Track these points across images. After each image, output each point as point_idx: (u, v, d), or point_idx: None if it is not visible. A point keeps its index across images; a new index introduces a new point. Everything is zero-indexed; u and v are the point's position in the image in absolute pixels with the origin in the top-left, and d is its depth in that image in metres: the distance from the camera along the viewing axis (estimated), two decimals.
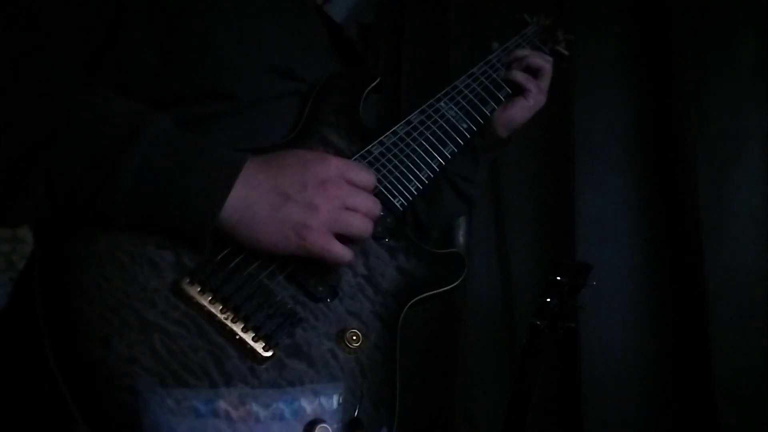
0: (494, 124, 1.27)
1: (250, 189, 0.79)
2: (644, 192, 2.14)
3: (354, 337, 0.86)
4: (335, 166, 0.84)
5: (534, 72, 1.27)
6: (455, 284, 1.02)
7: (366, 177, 0.87)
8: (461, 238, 2.37)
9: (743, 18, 2.01)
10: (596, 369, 2.08)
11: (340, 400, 0.82)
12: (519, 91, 1.26)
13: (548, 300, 1.47)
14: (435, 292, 0.99)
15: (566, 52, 1.41)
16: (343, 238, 0.84)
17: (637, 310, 2.12)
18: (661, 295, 2.09)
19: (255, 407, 0.76)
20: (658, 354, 2.07)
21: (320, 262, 0.84)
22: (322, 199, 0.81)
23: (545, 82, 1.28)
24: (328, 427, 0.78)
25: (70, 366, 0.70)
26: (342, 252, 0.83)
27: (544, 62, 1.28)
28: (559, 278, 1.46)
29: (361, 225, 0.85)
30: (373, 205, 0.87)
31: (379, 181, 0.98)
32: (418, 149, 1.06)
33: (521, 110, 1.26)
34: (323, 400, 0.81)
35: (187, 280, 0.78)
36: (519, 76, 1.24)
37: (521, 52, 1.28)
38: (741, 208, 2.00)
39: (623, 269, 2.13)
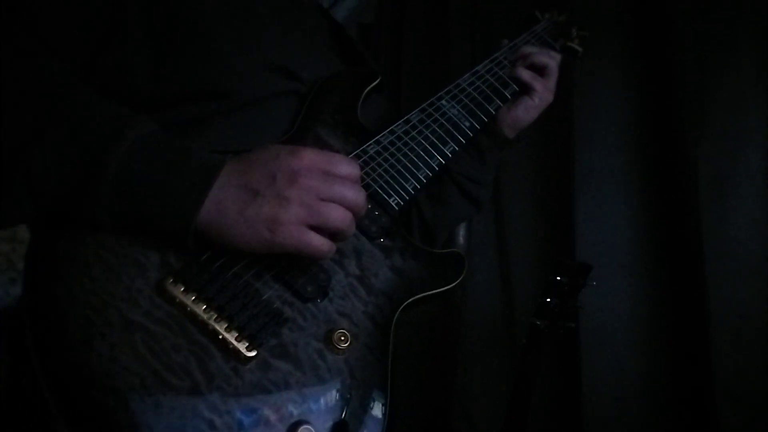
0: (500, 124, 1.25)
1: (221, 189, 0.77)
2: (644, 192, 2.14)
3: (342, 338, 0.85)
4: (308, 156, 0.80)
5: (540, 70, 1.25)
6: (454, 285, 0.99)
7: (347, 168, 0.82)
8: (461, 239, 2.36)
9: (743, 18, 2.00)
10: (596, 369, 2.07)
11: (327, 402, 0.81)
12: (525, 90, 1.24)
13: (548, 300, 1.46)
14: (432, 292, 0.97)
15: (579, 48, 1.39)
16: (323, 232, 0.80)
17: (637, 310, 2.11)
18: (661, 296, 2.08)
19: (237, 408, 0.75)
20: (658, 354, 2.06)
21: (304, 259, 0.83)
22: (292, 191, 0.77)
23: (551, 80, 1.26)
24: (311, 428, 0.77)
25: (52, 366, 0.70)
26: (319, 244, 0.79)
27: (549, 60, 1.26)
28: (559, 278, 1.45)
29: (338, 216, 0.80)
30: (353, 196, 0.81)
31: (374, 180, 0.98)
32: (416, 148, 1.05)
33: (527, 110, 1.24)
34: (308, 401, 0.80)
35: (171, 280, 0.78)
36: (525, 75, 1.23)
37: (527, 50, 1.27)
38: (741, 208, 1.99)
39: (623, 269, 2.13)
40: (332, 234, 0.81)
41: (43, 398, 0.70)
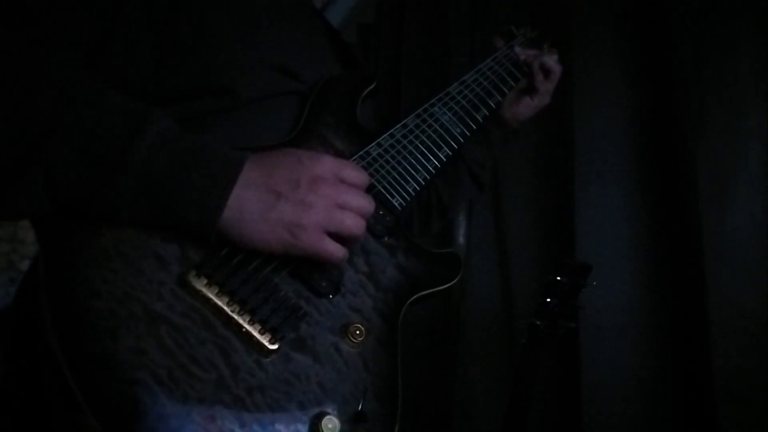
0: (503, 118, 1.36)
1: (243, 188, 0.78)
2: (644, 192, 2.15)
3: (357, 332, 0.87)
4: (329, 164, 0.84)
5: (545, 73, 1.35)
6: (453, 283, 1.03)
7: (359, 176, 0.87)
8: (461, 238, 2.37)
9: (743, 18, 2.02)
10: (596, 369, 2.08)
11: (345, 393, 0.83)
12: (528, 89, 1.35)
13: (548, 300, 1.47)
14: (433, 290, 1.00)
15: None
16: (337, 237, 0.83)
17: (637, 310, 2.12)
18: (662, 296, 2.09)
19: (262, 399, 0.76)
20: (658, 354, 2.07)
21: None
22: (315, 198, 0.80)
23: (552, 84, 1.37)
24: (334, 418, 0.79)
25: (78, 358, 0.70)
26: (335, 250, 0.82)
27: (555, 66, 1.36)
28: (559, 278, 1.46)
29: (353, 224, 0.84)
30: (366, 204, 0.86)
31: (377, 181, 1.00)
32: (414, 152, 1.08)
33: (525, 108, 1.37)
34: (328, 392, 0.82)
35: (194, 273, 0.78)
36: (539, 74, 1.34)
37: (533, 52, 1.37)
38: (741, 208, 2.00)
39: (623, 269, 2.14)
40: (345, 239, 0.84)
41: (69, 392, 0.69)
